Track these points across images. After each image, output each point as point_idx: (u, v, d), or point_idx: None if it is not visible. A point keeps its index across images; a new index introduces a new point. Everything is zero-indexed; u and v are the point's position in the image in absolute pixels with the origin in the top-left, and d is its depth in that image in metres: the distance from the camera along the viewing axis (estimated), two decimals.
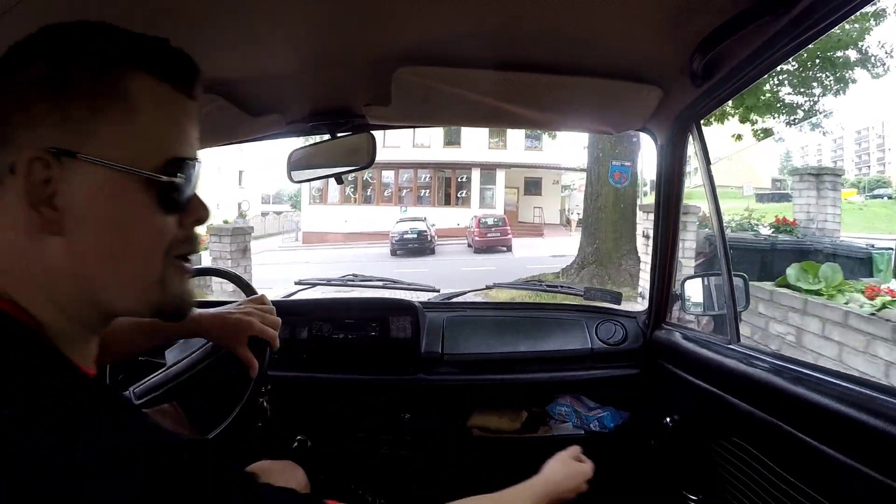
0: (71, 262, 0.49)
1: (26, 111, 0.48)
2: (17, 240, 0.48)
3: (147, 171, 0.50)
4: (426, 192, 23.92)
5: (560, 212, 26.37)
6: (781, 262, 6.19)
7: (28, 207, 0.47)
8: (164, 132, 0.52)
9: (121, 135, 0.49)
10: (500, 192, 23.64)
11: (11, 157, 0.47)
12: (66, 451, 0.38)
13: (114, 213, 0.50)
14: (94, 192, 0.49)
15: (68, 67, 0.49)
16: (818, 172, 8.56)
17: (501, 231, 18.02)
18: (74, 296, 0.50)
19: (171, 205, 0.53)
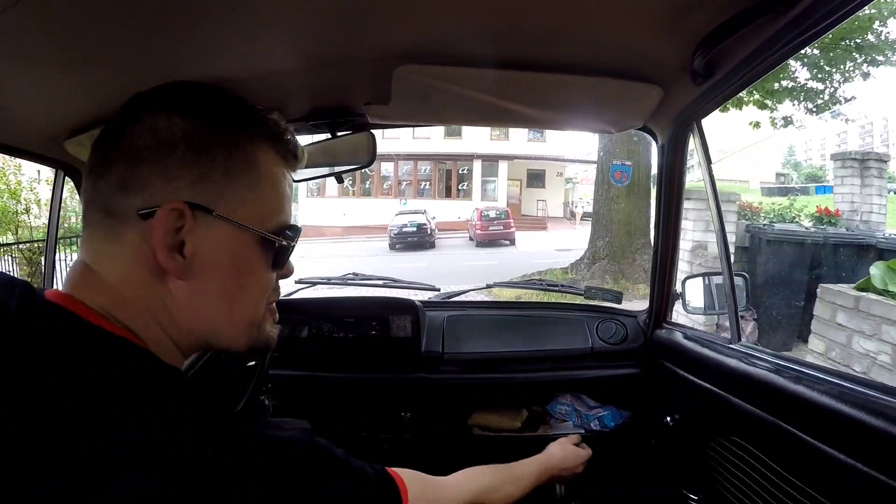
0: (190, 303, 0.55)
1: (163, 163, 0.52)
2: (142, 279, 0.54)
3: (269, 233, 0.58)
4: (426, 184, 23.83)
5: (564, 205, 26.31)
6: (840, 258, 5.69)
7: (156, 251, 0.52)
8: (278, 200, 0.60)
9: (248, 198, 0.56)
10: (502, 185, 23.56)
11: (141, 201, 0.52)
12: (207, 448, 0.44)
13: (235, 264, 0.57)
14: (221, 244, 0.55)
15: (209, 131, 0.54)
16: (862, 158, 7.54)
17: (504, 224, 17.95)
18: (186, 331, 0.57)
19: (279, 263, 0.61)
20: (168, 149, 0.52)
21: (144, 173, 0.52)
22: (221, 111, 0.56)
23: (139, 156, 0.52)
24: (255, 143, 0.58)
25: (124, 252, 0.53)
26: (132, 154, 0.52)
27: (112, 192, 0.52)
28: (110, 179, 0.52)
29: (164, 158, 0.52)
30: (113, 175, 0.52)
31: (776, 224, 6.46)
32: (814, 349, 4.15)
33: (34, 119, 1.18)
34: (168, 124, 0.53)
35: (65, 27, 0.79)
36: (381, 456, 1.59)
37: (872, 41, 7.61)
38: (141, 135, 0.52)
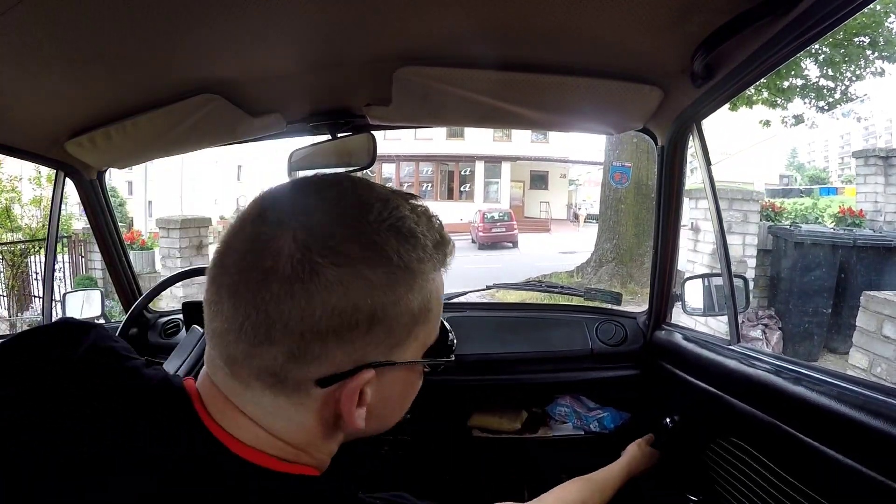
0: (360, 431, 0.54)
1: (346, 338, 0.47)
2: (321, 431, 0.52)
3: (441, 358, 0.57)
4: (428, 185, 23.82)
5: (567, 206, 26.28)
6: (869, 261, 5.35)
7: (342, 413, 0.51)
8: (439, 316, 0.58)
9: (422, 333, 0.54)
10: (505, 186, 23.55)
11: (320, 372, 0.48)
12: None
13: (401, 393, 0.57)
14: (397, 384, 0.55)
15: (390, 296, 0.49)
16: (887, 155, 7.32)
17: (507, 226, 17.92)
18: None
19: (439, 370, 0.60)
20: (350, 321, 0.47)
21: (323, 347, 0.47)
22: (399, 254, 0.49)
23: (314, 332, 0.46)
24: (429, 275, 0.53)
25: (299, 412, 0.50)
26: (303, 331, 0.46)
27: (277, 361, 0.47)
28: (274, 350, 0.46)
29: (344, 330, 0.47)
30: (277, 347, 0.46)
31: (803, 225, 6.08)
32: (856, 364, 3.87)
33: (35, 119, 1.19)
34: (346, 293, 0.46)
35: (66, 28, 0.80)
36: (380, 457, 1.59)
37: (887, 37, 7.41)
38: (311, 309, 0.45)
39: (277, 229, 0.47)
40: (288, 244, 0.46)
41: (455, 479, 1.65)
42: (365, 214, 0.49)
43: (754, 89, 8.17)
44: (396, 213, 0.51)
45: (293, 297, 0.45)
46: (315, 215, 0.48)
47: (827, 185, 29.33)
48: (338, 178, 0.54)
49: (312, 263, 0.45)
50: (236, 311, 0.47)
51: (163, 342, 1.71)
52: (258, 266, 0.46)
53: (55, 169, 1.54)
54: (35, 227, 7.49)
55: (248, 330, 0.46)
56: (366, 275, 0.47)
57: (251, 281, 0.46)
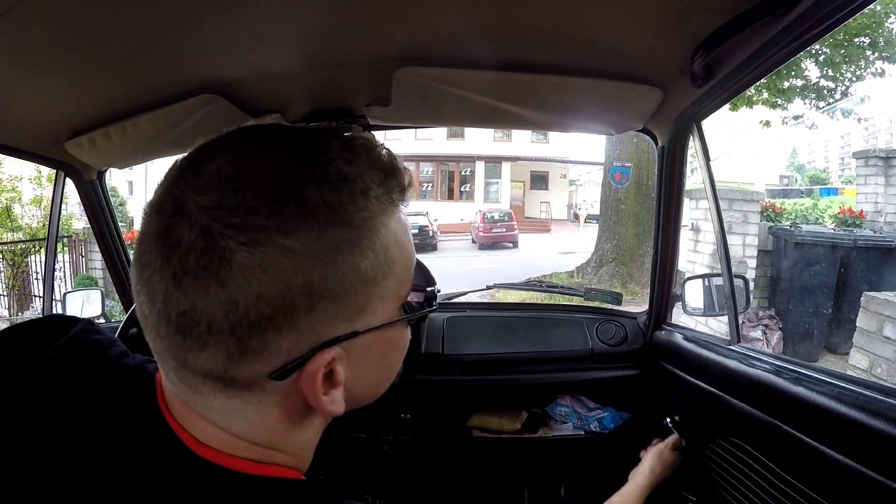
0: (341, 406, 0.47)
1: (287, 323, 0.41)
2: (290, 422, 0.47)
3: (408, 304, 0.50)
4: (429, 185, 23.81)
5: (567, 207, 26.27)
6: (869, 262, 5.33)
7: (309, 400, 0.44)
8: (407, 260, 0.49)
9: (385, 289, 0.46)
10: (505, 187, 23.54)
11: (270, 366, 0.42)
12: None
13: (381, 355, 0.50)
14: (374, 350, 0.48)
15: (328, 258, 0.41)
16: (887, 156, 7.17)
17: (507, 226, 17.90)
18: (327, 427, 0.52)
19: (420, 321, 0.53)
20: (284, 304, 0.40)
21: (262, 340, 0.41)
22: (325, 207, 0.41)
23: (245, 325, 0.40)
24: (375, 220, 0.44)
25: (258, 410, 0.45)
26: (231, 327, 0.40)
27: (220, 364, 0.41)
28: (208, 354, 0.41)
29: (280, 316, 0.40)
30: (210, 349, 0.41)
31: (803, 226, 5.99)
32: (856, 364, 3.84)
33: (35, 120, 1.19)
34: (268, 273, 0.39)
35: (66, 28, 0.80)
36: (380, 457, 1.59)
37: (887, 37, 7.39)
38: (233, 300, 0.39)
39: (176, 215, 0.40)
40: (188, 230, 0.39)
41: (455, 479, 1.65)
42: (279, 172, 0.42)
43: (754, 89, 8.15)
44: (319, 157, 0.43)
45: (208, 293, 0.39)
46: (218, 187, 0.41)
47: (827, 186, 29.33)
48: (245, 131, 0.46)
49: (219, 250, 0.39)
50: (158, 315, 0.41)
51: None
52: (166, 260, 0.40)
53: (55, 169, 1.54)
54: (35, 227, 7.49)
55: (176, 335, 0.41)
56: (287, 246, 0.39)
57: (163, 275, 0.40)
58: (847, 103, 8.31)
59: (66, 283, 7.33)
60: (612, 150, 9.38)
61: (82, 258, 7.99)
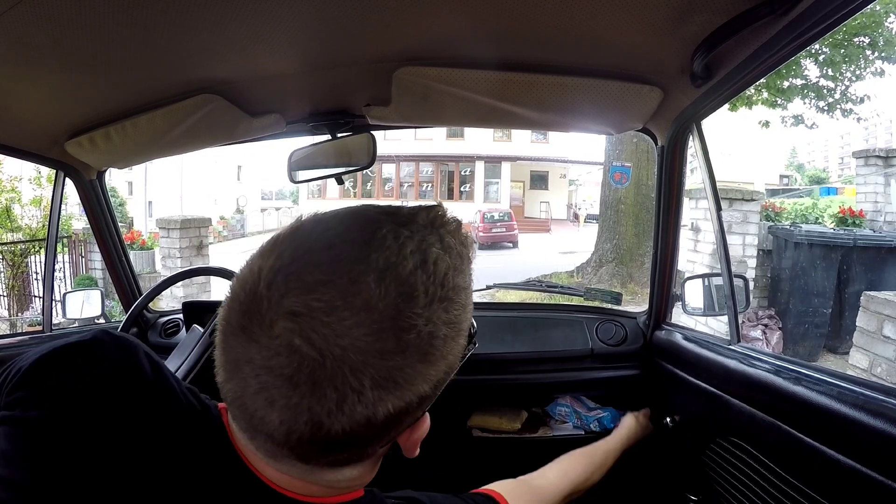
0: None
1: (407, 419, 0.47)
2: (371, 473, 0.54)
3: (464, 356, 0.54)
4: (428, 186, 23.83)
5: (567, 206, 26.27)
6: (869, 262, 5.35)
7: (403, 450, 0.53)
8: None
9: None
10: (505, 186, 23.54)
11: (376, 449, 0.49)
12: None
13: None
14: None
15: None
16: (887, 155, 7.22)
17: (507, 226, 17.91)
18: None
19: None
20: (406, 412, 0.45)
21: (382, 435, 0.46)
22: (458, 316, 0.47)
23: (370, 430, 0.44)
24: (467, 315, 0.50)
25: (359, 470, 0.52)
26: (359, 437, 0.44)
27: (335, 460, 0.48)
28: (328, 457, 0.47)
29: (403, 417, 0.46)
30: (331, 454, 0.46)
31: (803, 225, 6.05)
32: (856, 364, 3.88)
33: (35, 119, 1.19)
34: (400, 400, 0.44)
35: (66, 28, 0.80)
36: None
37: (887, 37, 7.42)
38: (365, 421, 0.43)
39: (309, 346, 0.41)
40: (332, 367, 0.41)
41: (455, 479, 1.65)
42: (412, 303, 0.43)
43: (754, 89, 8.16)
44: (438, 273, 0.45)
45: (350, 415, 0.42)
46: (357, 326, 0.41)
47: (827, 185, 29.35)
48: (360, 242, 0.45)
49: (357, 391, 0.41)
50: (282, 421, 0.42)
51: (163, 342, 1.71)
52: (299, 383, 0.41)
53: (55, 169, 1.54)
54: (35, 227, 7.48)
55: (302, 444, 0.43)
56: (427, 373, 0.45)
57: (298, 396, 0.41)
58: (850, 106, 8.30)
59: (66, 284, 7.33)
60: (611, 150, 9.38)
61: (82, 258, 7.99)
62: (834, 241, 5.41)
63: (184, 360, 1.22)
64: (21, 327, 6.72)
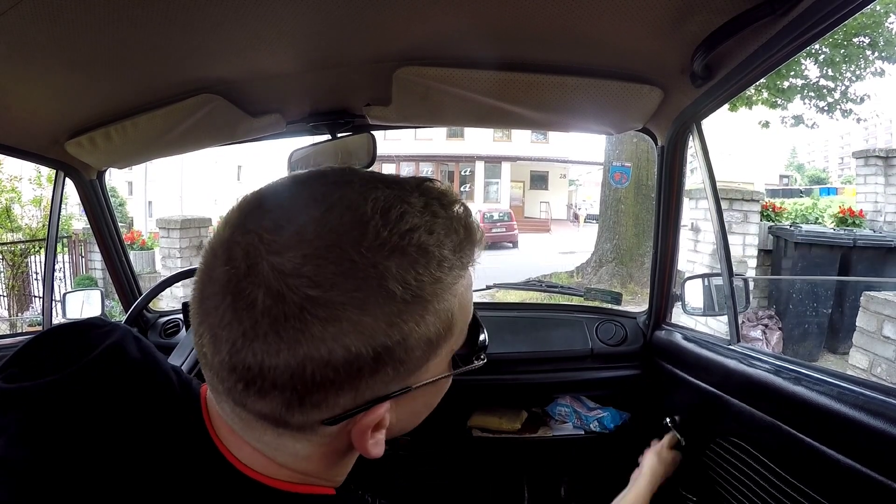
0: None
1: (349, 384, 0.42)
2: (334, 458, 0.49)
3: (463, 357, 0.52)
4: None
5: (567, 206, 26.27)
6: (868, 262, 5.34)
7: (356, 445, 0.47)
8: (468, 320, 0.51)
9: (444, 346, 0.48)
10: (505, 187, 23.54)
11: (324, 415, 0.44)
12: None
13: (426, 402, 0.53)
14: (419, 399, 0.50)
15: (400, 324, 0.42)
16: (887, 155, 7.13)
17: (507, 226, 17.91)
18: None
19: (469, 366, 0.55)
20: (349, 373, 0.41)
21: (322, 397, 0.42)
22: (402, 285, 0.41)
23: (309, 385, 0.41)
24: (448, 292, 0.45)
25: (306, 447, 0.47)
26: (295, 386, 0.41)
27: (277, 411, 0.43)
28: (267, 402, 0.42)
29: (344, 381, 0.42)
30: (270, 399, 0.42)
31: (803, 225, 5.99)
32: (856, 364, 3.86)
33: (35, 119, 1.19)
34: (339, 346, 0.40)
35: (66, 28, 0.80)
36: (379, 457, 1.59)
37: (887, 37, 7.42)
38: (301, 365, 0.40)
39: (250, 275, 0.40)
40: (262, 295, 0.39)
41: (455, 479, 1.65)
42: (359, 238, 0.41)
43: (754, 89, 8.16)
44: (401, 225, 0.42)
45: (277, 355, 0.40)
46: (294, 248, 0.40)
47: (827, 186, 29.36)
48: (326, 183, 0.45)
49: (293, 319, 0.39)
50: (222, 363, 0.42)
51: (163, 342, 1.72)
52: (236, 317, 0.40)
53: (55, 169, 1.54)
54: (35, 227, 7.48)
55: (238, 383, 0.42)
56: (361, 321, 0.40)
57: (231, 330, 0.40)
58: (850, 106, 8.30)
59: (66, 284, 7.33)
60: (611, 150, 9.37)
61: (82, 258, 7.99)
62: (834, 241, 5.40)
63: (184, 359, 1.22)
64: (21, 327, 6.72)
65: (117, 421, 0.46)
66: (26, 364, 0.49)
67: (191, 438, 0.48)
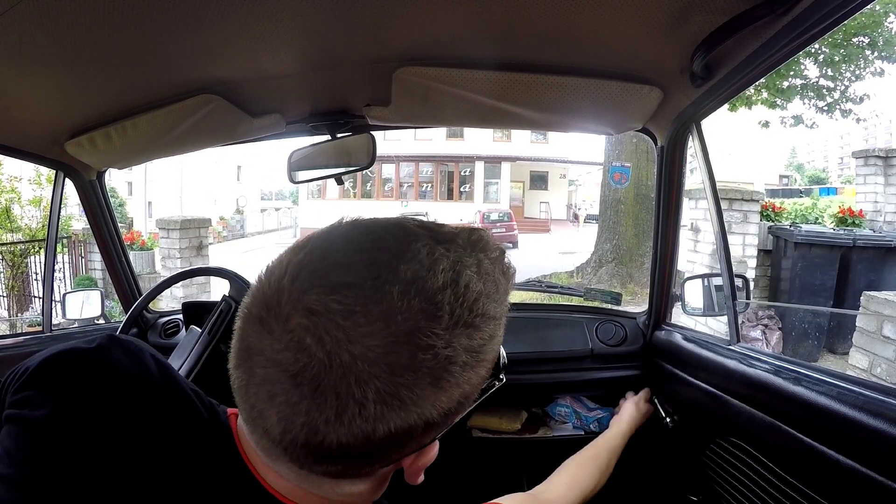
0: None
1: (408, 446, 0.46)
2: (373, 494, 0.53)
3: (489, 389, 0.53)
4: (428, 186, 23.77)
5: (567, 207, 26.26)
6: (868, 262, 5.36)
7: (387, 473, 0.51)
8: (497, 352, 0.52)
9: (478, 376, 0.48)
10: (504, 187, 23.51)
11: (382, 465, 0.48)
12: None
13: None
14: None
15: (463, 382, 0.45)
16: (886, 155, 7.19)
17: (507, 226, 17.89)
18: None
19: None
20: (409, 436, 0.44)
21: (395, 455, 0.46)
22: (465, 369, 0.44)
23: (372, 447, 0.43)
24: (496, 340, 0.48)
25: (362, 486, 0.51)
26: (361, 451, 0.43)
27: (346, 471, 0.46)
28: (327, 466, 0.45)
29: (406, 441, 0.44)
30: (331, 463, 0.44)
31: (803, 225, 6.03)
32: (856, 364, 3.86)
33: (35, 120, 1.18)
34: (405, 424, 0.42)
35: (65, 29, 0.80)
36: None
37: (887, 37, 7.42)
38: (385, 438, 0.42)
39: (332, 366, 0.40)
40: (347, 386, 0.40)
41: (455, 479, 1.64)
42: (434, 320, 0.42)
43: (754, 89, 8.17)
44: (468, 295, 0.44)
45: (360, 436, 0.41)
46: (373, 336, 0.41)
47: (826, 186, 29.37)
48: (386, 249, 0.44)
49: (379, 405, 0.41)
50: (293, 436, 0.42)
51: (163, 342, 1.71)
52: (316, 404, 0.41)
53: (55, 169, 1.54)
54: (35, 228, 7.48)
55: (309, 453, 0.43)
56: (438, 399, 0.43)
57: (310, 417, 0.41)
58: (850, 105, 8.30)
59: (66, 284, 7.32)
60: (611, 150, 9.38)
61: (82, 259, 7.98)
62: (834, 240, 5.41)
63: (184, 360, 1.22)
64: (21, 328, 6.72)
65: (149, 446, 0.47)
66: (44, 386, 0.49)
67: (224, 462, 0.48)
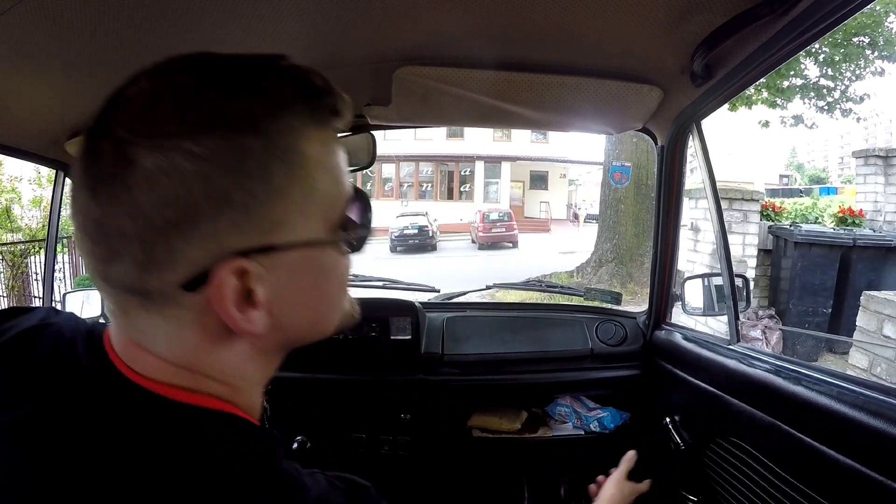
0: (272, 336, 0.46)
1: (187, 227, 0.40)
2: (204, 348, 0.45)
3: (340, 226, 0.47)
4: (428, 186, 23.75)
5: (567, 206, 26.25)
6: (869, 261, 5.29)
7: (223, 318, 0.42)
8: (337, 186, 0.47)
9: (307, 206, 0.44)
10: (504, 186, 23.51)
11: (178, 275, 0.41)
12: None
13: (312, 281, 0.47)
14: (300, 272, 0.46)
15: (229, 159, 0.40)
16: (886, 154, 7.01)
17: (507, 226, 17.87)
18: (271, 363, 0.51)
19: (357, 249, 0.51)
20: (187, 209, 0.39)
21: (168, 247, 0.40)
22: (235, 116, 0.41)
23: (150, 231, 0.39)
24: (292, 134, 0.43)
25: (177, 326, 0.44)
26: (138, 233, 0.39)
27: (132, 275, 0.41)
28: (123, 263, 0.41)
29: (184, 222, 0.40)
30: (124, 259, 0.40)
31: (803, 225, 5.96)
32: (856, 364, 3.85)
33: (34, 119, 1.19)
34: (170, 177, 0.39)
35: (65, 28, 0.80)
36: (380, 457, 1.59)
37: (887, 37, 7.43)
38: (138, 205, 0.39)
39: (98, 134, 0.41)
40: (105, 146, 0.40)
41: (455, 480, 1.65)
42: (197, 85, 0.42)
43: (754, 89, 8.17)
44: (245, 74, 0.43)
45: (118, 200, 0.39)
46: (136, 103, 0.42)
47: (827, 185, 29.38)
48: (172, 58, 0.46)
49: (127, 154, 0.39)
50: (82, 231, 0.42)
51: None
52: (83, 177, 0.41)
53: (55, 169, 1.54)
54: (35, 228, 7.47)
55: (93, 246, 0.41)
56: (191, 150, 0.39)
57: (82, 195, 0.41)
58: (850, 105, 8.31)
59: (66, 284, 7.32)
60: (611, 150, 9.38)
61: (82, 259, 7.96)
62: (834, 240, 5.38)
63: None
64: None
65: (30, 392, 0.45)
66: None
67: (93, 368, 0.46)
